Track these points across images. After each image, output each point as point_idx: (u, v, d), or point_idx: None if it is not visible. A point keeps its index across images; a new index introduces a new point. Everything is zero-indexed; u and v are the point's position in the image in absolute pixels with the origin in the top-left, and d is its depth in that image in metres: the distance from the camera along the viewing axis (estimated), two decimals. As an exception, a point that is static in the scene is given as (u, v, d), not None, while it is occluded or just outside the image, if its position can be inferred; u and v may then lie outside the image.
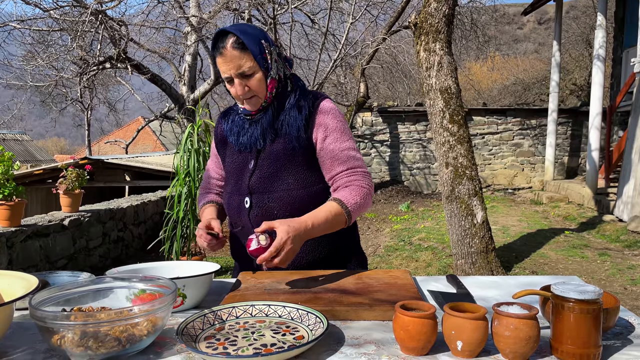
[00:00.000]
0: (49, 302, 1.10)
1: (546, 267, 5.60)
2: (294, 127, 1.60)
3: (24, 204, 4.49)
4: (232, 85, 1.59)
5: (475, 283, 1.54)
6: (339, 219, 1.53)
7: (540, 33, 38.42)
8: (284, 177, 1.61)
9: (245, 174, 1.66)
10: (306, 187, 1.63)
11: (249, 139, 1.65)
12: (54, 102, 16.50)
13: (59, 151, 37.59)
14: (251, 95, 1.59)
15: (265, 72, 1.59)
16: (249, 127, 1.65)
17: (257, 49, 1.56)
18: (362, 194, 1.57)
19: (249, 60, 1.55)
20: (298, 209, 1.59)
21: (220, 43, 1.55)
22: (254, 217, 1.63)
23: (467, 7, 13.50)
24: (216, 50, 1.57)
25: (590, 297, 0.97)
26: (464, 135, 5.08)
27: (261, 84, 1.58)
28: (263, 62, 1.57)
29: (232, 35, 1.54)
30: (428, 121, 5.86)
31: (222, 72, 1.57)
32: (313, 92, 1.70)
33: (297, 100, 1.64)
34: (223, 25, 11.96)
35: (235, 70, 1.55)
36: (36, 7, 9.40)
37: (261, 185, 1.62)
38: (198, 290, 1.32)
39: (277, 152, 1.62)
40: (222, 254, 6.86)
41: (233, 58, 1.54)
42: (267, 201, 1.62)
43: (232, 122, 1.73)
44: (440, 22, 5.04)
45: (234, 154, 1.72)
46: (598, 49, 8.69)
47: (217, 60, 1.57)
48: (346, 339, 1.10)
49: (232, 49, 1.53)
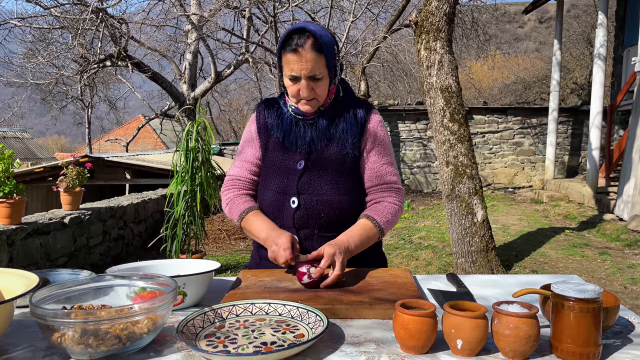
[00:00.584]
0: (50, 299, 1.10)
1: (546, 266, 5.60)
2: (349, 134, 1.61)
3: (25, 202, 4.49)
4: (295, 83, 1.55)
5: (476, 282, 1.54)
6: (373, 237, 1.59)
7: (541, 32, 38.38)
8: (334, 181, 1.62)
9: (293, 174, 1.63)
10: (353, 194, 1.65)
11: (301, 139, 1.62)
12: (55, 100, 16.51)
13: (60, 149, 37.60)
14: (312, 98, 1.57)
15: (332, 78, 1.59)
16: (301, 127, 1.63)
17: (331, 54, 1.55)
18: (393, 211, 1.63)
19: (322, 64, 1.53)
20: (344, 214, 1.62)
21: (298, 40, 1.50)
22: (298, 218, 1.61)
23: (467, 6, 13.49)
24: (289, 46, 1.52)
25: (590, 296, 0.97)
26: (465, 134, 5.07)
27: (325, 88, 1.58)
28: (332, 68, 1.57)
29: (312, 36, 1.51)
30: (428, 120, 5.87)
31: (291, 69, 1.53)
32: (361, 100, 1.71)
33: (353, 107, 1.65)
34: (223, 23, 11.96)
35: (307, 72, 1.52)
36: (37, 5, 9.41)
37: (311, 186, 1.61)
38: (198, 288, 1.32)
39: (330, 156, 1.61)
40: (222, 252, 6.87)
41: (309, 59, 1.50)
42: (316, 203, 1.61)
43: (278, 116, 1.68)
44: (441, 21, 5.04)
45: (278, 150, 1.66)
46: (599, 47, 8.68)
47: (288, 56, 1.53)
48: (346, 338, 1.10)
49: (310, 50, 1.50)
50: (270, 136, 1.68)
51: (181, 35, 12.32)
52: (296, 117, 1.64)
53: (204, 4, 11.99)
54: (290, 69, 1.53)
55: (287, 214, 1.62)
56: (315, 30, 1.52)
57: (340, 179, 1.62)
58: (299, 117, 1.63)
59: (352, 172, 1.64)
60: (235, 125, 24.37)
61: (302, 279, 1.37)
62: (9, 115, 21.52)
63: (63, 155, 17.18)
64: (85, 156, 9.67)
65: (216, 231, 7.76)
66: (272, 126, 1.67)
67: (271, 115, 1.69)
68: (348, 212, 1.62)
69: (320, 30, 1.54)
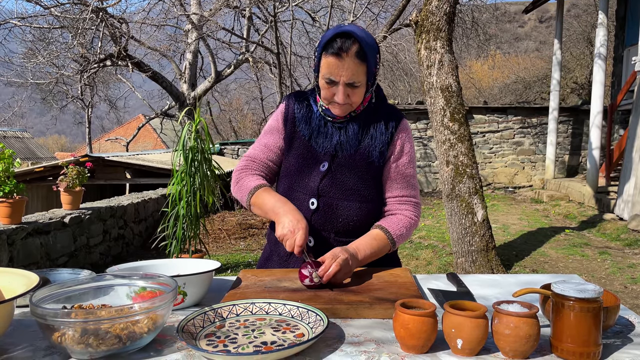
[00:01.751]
0: (50, 299, 1.10)
1: (546, 266, 5.60)
2: (378, 143, 1.58)
3: (25, 202, 4.49)
4: (331, 86, 1.50)
5: (476, 281, 1.54)
6: (384, 249, 1.56)
7: (541, 31, 38.38)
8: (356, 187, 1.59)
9: (315, 174, 1.59)
10: (373, 202, 1.63)
11: (328, 141, 1.59)
12: (55, 99, 16.51)
13: (60, 149, 37.63)
14: (346, 102, 1.52)
15: (369, 86, 1.55)
16: (329, 128, 1.60)
17: (373, 63, 1.51)
18: (408, 225, 1.61)
19: (363, 73, 1.48)
20: (362, 221, 1.60)
21: (343, 45, 1.45)
22: (316, 220, 1.59)
23: (468, 5, 13.48)
24: (331, 49, 1.46)
25: (590, 296, 0.97)
26: (465, 134, 5.07)
27: (361, 96, 1.54)
28: (372, 77, 1.53)
29: (357, 42, 1.45)
30: (429, 119, 5.86)
31: (330, 72, 1.47)
32: (393, 107, 1.67)
33: (385, 115, 1.62)
34: (223, 23, 11.96)
35: (347, 78, 1.47)
36: (37, 5, 9.41)
37: (332, 190, 1.58)
38: (198, 288, 1.32)
39: (355, 162, 1.58)
40: (223, 252, 6.86)
41: (351, 66, 1.46)
42: (335, 207, 1.58)
43: (307, 113, 1.63)
44: (441, 20, 5.04)
45: (302, 148, 1.62)
46: (599, 47, 8.68)
47: (329, 60, 1.47)
48: (346, 337, 1.10)
49: (354, 56, 1.45)
50: (296, 132, 1.63)
51: (181, 34, 12.32)
52: (325, 118, 1.61)
53: (204, 3, 12.00)
54: (329, 72, 1.48)
55: (305, 214, 1.58)
56: (362, 36, 1.47)
57: (362, 186, 1.59)
58: (329, 118, 1.60)
59: (374, 180, 1.62)
60: (235, 125, 24.35)
61: (304, 281, 1.38)
62: (9, 115, 21.53)
63: (63, 155, 17.19)
64: (86, 156, 9.66)
65: (216, 231, 7.76)
66: (300, 122, 1.63)
67: (300, 110, 1.64)
68: (366, 220, 1.61)
69: (367, 37, 1.49)
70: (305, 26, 12.97)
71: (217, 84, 12.61)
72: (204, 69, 13.57)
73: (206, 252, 5.25)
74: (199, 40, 11.46)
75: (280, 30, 11.05)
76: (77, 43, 9.50)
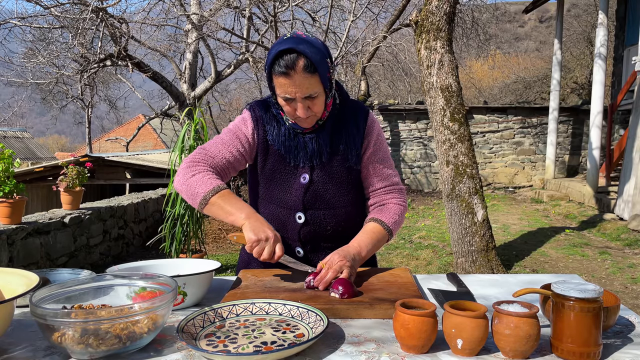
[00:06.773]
0: (50, 299, 1.10)
1: (546, 266, 5.60)
2: (352, 146, 1.57)
3: (25, 202, 4.49)
4: (289, 103, 1.46)
5: (476, 281, 1.54)
6: (383, 239, 1.58)
7: (541, 31, 38.36)
8: (339, 194, 1.60)
9: (297, 188, 1.57)
10: (356, 205, 1.65)
11: (304, 153, 1.56)
12: (55, 99, 16.51)
13: (60, 149, 37.61)
14: (309, 115, 1.49)
15: (328, 92, 1.51)
16: (300, 140, 1.56)
17: (324, 70, 1.46)
18: (399, 212, 1.62)
19: (317, 83, 1.44)
20: (351, 226, 1.62)
21: (289, 62, 1.40)
22: (305, 232, 1.59)
23: (468, 5, 13.48)
24: (279, 67, 1.41)
25: (590, 296, 0.97)
26: (465, 134, 5.07)
27: (322, 103, 1.50)
28: (327, 83, 1.49)
29: (303, 57, 1.40)
30: (429, 119, 5.86)
31: (284, 92, 1.44)
32: (358, 103, 1.66)
33: (352, 114, 1.60)
34: (224, 23, 11.95)
35: (302, 94, 1.43)
36: (37, 5, 9.41)
37: (317, 202, 1.58)
38: (198, 288, 1.32)
39: (334, 169, 1.58)
40: (223, 252, 6.87)
41: (302, 81, 1.41)
42: (322, 218, 1.59)
43: (277, 125, 1.58)
44: (441, 20, 5.03)
45: (277, 163, 1.58)
46: (599, 47, 8.68)
47: (280, 80, 1.43)
48: (346, 337, 1.10)
49: (302, 72, 1.40)
50: (269, 145, 1.58)
51: (181, 34, 12.32)
52: (295, 131, 1.57)
53: (204, 3, 11.99)
54: (283, 91, 1.44)
55: (293, 229, 1.59)
56: (306, 49, 1.41)
57: (344, 190, 1.60)
58: (298, 131, 1.57)
59: (355, 182, 1.63)
60: (235, 125, 24.31)
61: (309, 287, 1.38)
62: (9, 115, 21.53)
63: (63, 155, 17.19)
64: (86, 156, 9.67)
65: (216, 231, 7.76)
66: (271, 134, 1.58)
67: (269, 122, 1.59)
68: (353, 222, 1.63)
69: (310, 46, 1.42)
70: (305, 26, 12.96)
71: (217, 84, 12.58)
72: (204, 69, 13.55)
73: (205, 253, 5.25)
74: (199, 40, 11.45)
75: (280, 30, 11.04)
76: (77, 43, 9.49)
